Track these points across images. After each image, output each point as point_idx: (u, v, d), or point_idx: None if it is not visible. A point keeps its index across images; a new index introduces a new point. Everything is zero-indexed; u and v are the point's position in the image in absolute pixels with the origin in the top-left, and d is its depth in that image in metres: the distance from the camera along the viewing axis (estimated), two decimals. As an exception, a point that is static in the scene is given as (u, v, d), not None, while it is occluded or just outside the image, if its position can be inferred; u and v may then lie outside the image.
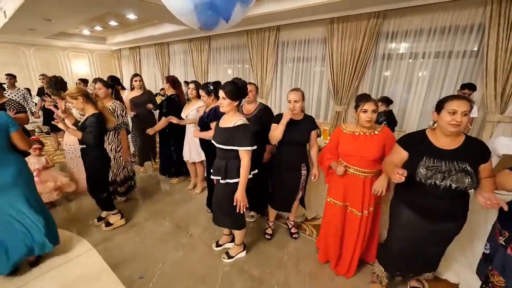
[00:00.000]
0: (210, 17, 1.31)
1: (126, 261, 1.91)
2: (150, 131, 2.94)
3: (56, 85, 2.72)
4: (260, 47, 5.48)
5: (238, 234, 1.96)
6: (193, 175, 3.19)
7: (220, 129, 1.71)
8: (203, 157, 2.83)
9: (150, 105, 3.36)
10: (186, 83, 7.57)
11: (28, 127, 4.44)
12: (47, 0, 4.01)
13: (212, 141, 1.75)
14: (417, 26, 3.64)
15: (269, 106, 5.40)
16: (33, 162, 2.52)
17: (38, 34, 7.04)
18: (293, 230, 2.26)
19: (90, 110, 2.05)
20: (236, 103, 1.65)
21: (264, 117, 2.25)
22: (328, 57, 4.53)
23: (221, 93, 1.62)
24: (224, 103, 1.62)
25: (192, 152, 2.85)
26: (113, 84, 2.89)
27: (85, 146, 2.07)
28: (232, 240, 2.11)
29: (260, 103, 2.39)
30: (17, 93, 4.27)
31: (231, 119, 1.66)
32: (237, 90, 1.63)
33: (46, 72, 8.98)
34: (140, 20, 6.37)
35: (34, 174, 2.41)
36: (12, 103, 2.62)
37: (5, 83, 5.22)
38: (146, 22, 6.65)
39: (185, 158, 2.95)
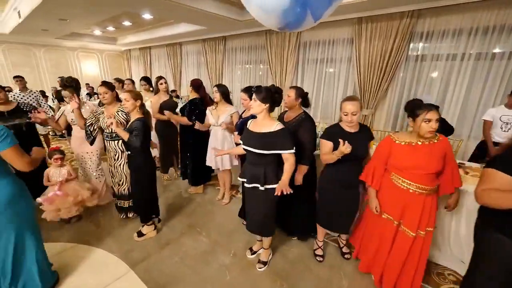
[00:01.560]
0: (297, 15, 1.14)
1: (170, 286, 1.74)
2: (167, 114, 2.90)
3: (76, 85, 2.63)
4: (280, 47, 5.30)
5: (268, 239, 1.95)
6: (222, 183, 3.02)
7: (254, 134, 1.67)
8: (235, 162, 2.67)
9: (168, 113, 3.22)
10: (200, 84, 7.42)
11: (42, 131, 4.30)
12: (64, 0, 3.88)
13: (245, 147, 1.70)
14: (456, 25, 3.43)
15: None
16: (54, 173, 2.35)
17: (50, 34, 6.93)
18: (344, 250, 2.07)
19: (137, 115, 2.04)
20: (266, 106, 1.61)
21: (300, 127, 1.95)
22: (354, 58, 4.34)
23: (253, 96, 1.63)
24: (254, 104, 1.63)
25: (224, 158, 2.68)
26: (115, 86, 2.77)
27: (130, 152, 2.07)
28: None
29: (304, 111, 2.15)
30: (30, 96, 4.12)
31: (267, 123, 1.64)
32: (268, 93, 1.61)
33: (56, 72, 8.90)
34: (154, 20, 6.22)
35: (56, 187, 2.27)
36: (23, 107, 2.53)
37: (7, 87, 5.11)
38: (160, 22, 6.49)
39: (215, 166, 2.76)
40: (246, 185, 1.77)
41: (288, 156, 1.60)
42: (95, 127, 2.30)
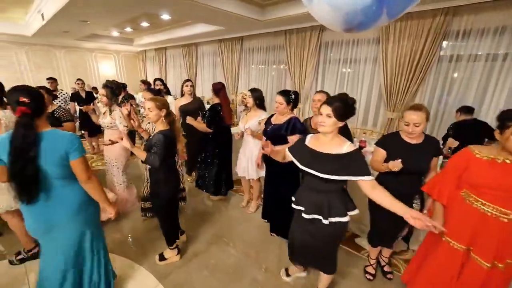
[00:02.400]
0: (372, 13, 1.01)
1: (200, 302, 1.65)
2: (189, 120, 2.80)
3: (117, 90, 2.54)
4: (300, 48, 5.14)
5: (328, 277, 1.65)
6: (246, 191, 2.92)
7: (319, 154, 1.37)
8: (262, 173, 2.55)
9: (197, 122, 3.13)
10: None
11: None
12: (88, 2, 3.89)
13: (306, 169, 1.38)
14: (498, 23, 3.17)
15: (306, 112, 5.04)
16: None
17: (70, 36, 7.05)
18: (386, 269, 1.92)
19: (160, 126, 1.82)
20: (342, 124, 1.34)
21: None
22: (381, 58, 4.13)
23: (327, 109, 1.31)
24: (327, 122, 1.31)
25: (250, 167, 2.58)
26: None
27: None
28: (304, 270, 1.89)
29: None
30: (60, 96, 4.20)
31: (336, 143, 1.35)
32: (347, 108, 1.31)
33: (74, 73, 9.09)
34: (172, 21, 6.19)
35: None
36: (61, 110, 2.45)
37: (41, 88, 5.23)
38: (177, 23, 6.47)
39: (240, 174, 2.67)
40: (304, 215, 1.45)
41: (365, 184, 1.29)
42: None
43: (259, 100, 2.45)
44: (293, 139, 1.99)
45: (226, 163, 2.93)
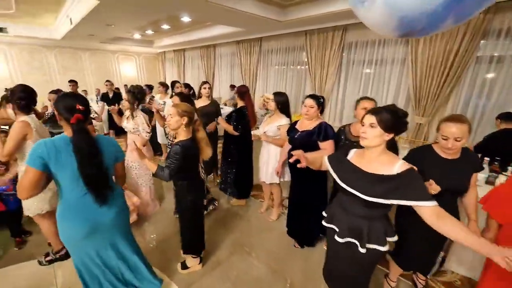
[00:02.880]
0: (438, 18, 0.89)
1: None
2: (211, 127, 2.77)
3: (139, 94, 2.51)
4: (321, 49, 4.99)
5: None
6: (266, 196, 2.84)
7: (364, 174, 1.17)
8: (288, 177, 2.45)
9: (212, 126, 3.09)
10: (233, 86, 7.34)
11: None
12: (113, 7, 3.98)
13: (347, 188, 1.20)
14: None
15: (327, 116, 4.83)
16: None
17: (95, 39, 7.32)
18: (425, 293, 1.76)
19: (182, 136, 1.71)
20: (389, 137, 1.15)
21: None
22: (410, 60, 3.90)
23: (370, 118, 1.14)
24: (369, 133, 1.13)
25: (270, 171, 2.49)
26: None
27: None
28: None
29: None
30: None
31: (386, 161, 1.15)
32: (396, 119, 1.14)
33: (98, 74, 9.46)
34: (191, 23, 6.24)
35: None
36: None
37: (54, 93, 5.42)
38: (196, 25, 6.52)
39: (262, 179, 2.60)
40: (337, 238, 1.27)
41: (426, 210, 1.03)
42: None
43: (281, 105, 2.35)
44: (326, 146, 1.89)
45: (248, 166, 2.88)
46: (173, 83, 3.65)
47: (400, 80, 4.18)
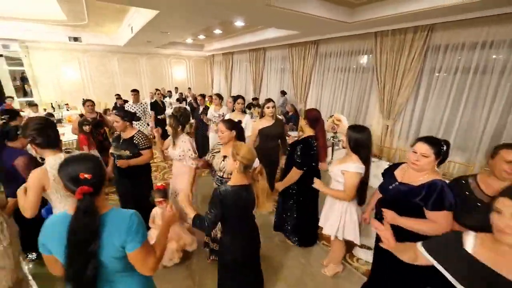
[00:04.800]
0: None
1: None
2: (279, 187, 2.23)
3: (182, 118, 2.19)
4: (396, 53, 4.17)
5: None
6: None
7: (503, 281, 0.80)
8: (353, 237, 1.87)
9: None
10: (283, 93, 6.86)
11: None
12: (170, 16, 3.90)
13: None
14: None
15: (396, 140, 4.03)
16: (159, 214, 2.11)
17: (151, 44, 7.64)
18: None
19: (234, 180, 1.39)
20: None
21: None
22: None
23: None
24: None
25: (330, 222, 1.93)
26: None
27: None
28: None
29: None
30: (140, 107, 4.39)
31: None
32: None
33: (152, 77, 9.97)
34: (244, 27, 5.97)
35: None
36: (140, 136, 2.25)
37: (119, 100, 5.69)
38: (248, 29, 6.23)
39: (325, 231, 1.96)
40: None
41: None
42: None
43: (356, 144, 1.72)
44: (436, 217, 1.31)
45: (312, 210, 2.36)
46: (236, 98, 3.29)
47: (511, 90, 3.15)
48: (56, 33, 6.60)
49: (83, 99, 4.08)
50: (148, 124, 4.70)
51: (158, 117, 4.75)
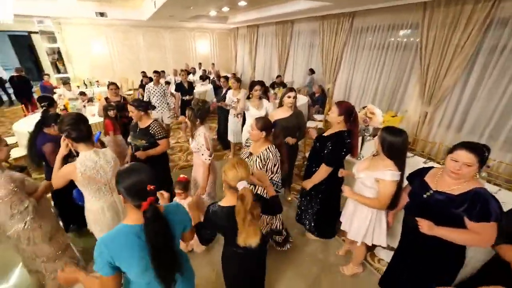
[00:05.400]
0: None
1: None
2: (307, 185, 2.13)
3: (199, 112, 2.07)
4: (447, 28, 3.56)
5: None
6: (348, 241, 2.21)
7: None
8: (379, 241, 1.78)
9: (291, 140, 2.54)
10: (312, 70, 6.41)
11: (166, 120, 4.55)
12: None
13: None
14: None
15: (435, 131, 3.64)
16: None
17: (174, 19, 7.42)
18: None
19: (225, 199, 1.26)
20: None
21: None
22: None
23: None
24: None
25: (355, 226, 1.82)
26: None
27: None
28: None
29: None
30: (160, 89, 4.38)
31: None
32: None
33: (175, 51, 9.83)
34: (272, -3, 5.48)
35: None
36: (156, 126, 2.28)
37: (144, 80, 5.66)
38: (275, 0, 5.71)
39: (350, 235, 1.89)
40: None
41: None
42: None
43: (389, 148, 1.51)
44: (481, 229, 1.18)
45: (335, 205, 2.29)
46: (253, 84, 3.12)
47: None
48: (84, 8, 6.64)
49: (108, 81, 4.12)
50: (167, 104, 4.60)
51: (183, 98, 4.69)
